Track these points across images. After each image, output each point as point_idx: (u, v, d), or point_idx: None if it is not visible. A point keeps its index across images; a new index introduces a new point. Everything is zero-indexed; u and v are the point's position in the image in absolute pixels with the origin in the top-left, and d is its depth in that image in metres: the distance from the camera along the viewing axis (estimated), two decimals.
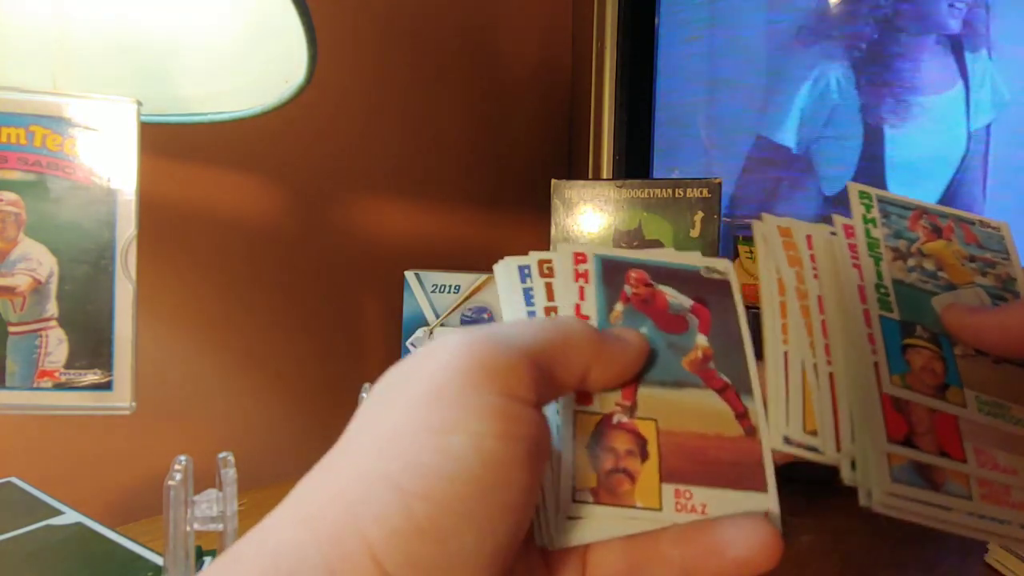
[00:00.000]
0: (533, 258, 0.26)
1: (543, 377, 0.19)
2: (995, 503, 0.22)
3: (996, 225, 0.28)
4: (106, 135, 0.40)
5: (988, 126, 0.73)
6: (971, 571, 0.48)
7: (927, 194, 0.74)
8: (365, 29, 0.76)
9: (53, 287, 0.39)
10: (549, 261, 0.26)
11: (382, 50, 0.78)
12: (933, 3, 0.74)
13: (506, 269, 0.26)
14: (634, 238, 0.70)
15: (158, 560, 0.42)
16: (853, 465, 0.22)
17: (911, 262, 0.26)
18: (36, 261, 0.39)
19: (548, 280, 0.26)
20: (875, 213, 0.27)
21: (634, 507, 0.22)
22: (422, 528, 0.16)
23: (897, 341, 0.24)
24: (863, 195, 0.28)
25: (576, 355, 0.21)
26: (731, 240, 0.72)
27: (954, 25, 0.73)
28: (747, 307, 0.26)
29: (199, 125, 0.49)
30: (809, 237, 0.27)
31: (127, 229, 0.40)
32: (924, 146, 0.75)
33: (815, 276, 0.26)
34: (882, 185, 0.75)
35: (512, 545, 0.18)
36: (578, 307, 0.26)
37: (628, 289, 0.26)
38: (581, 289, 0.26)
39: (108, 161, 0.40)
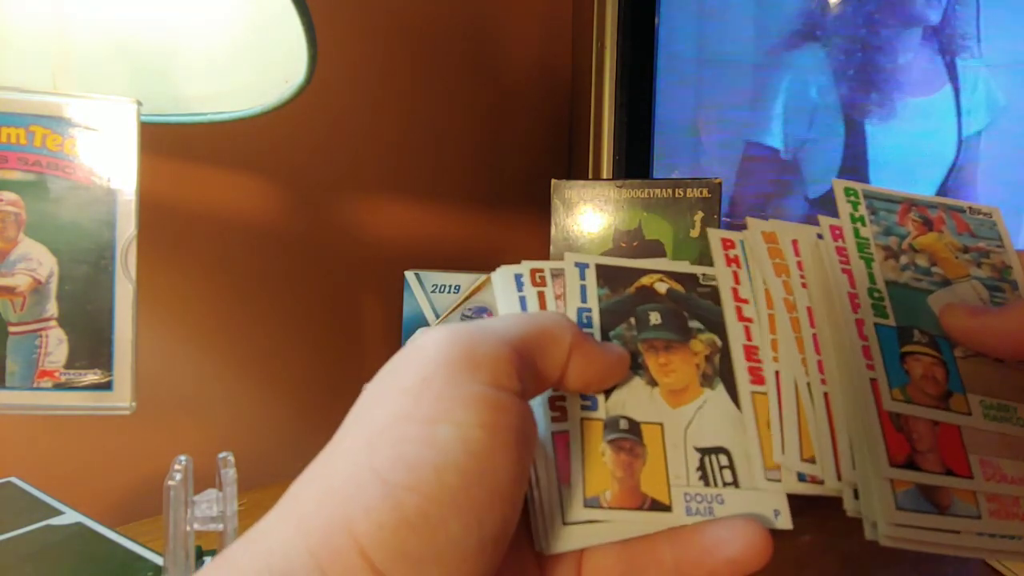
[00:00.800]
0: (525, 267, 0.26)
1: (526, 367, 0.19)
2: (1005, 518, 0.21)
3: (987, 211, 0.27)
4: (106, 135, 0.40)
5: (981, 131, 0.73)
6: (971, 571, 0.48)
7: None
8: (365, 29, 0.76)
9: (53, 287, 0.39)
10: (541, 271, 0.26)
11: (382, 50, 0.78)
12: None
13: (503, 278, 0.26)
14: (634, 238, 0.70)
15: (158, 560, 0.42)
16: (855, 494, 0.21)
17: (903, 260, 0.25)
18: (36, 261, 0.39)
19: (540, 289, 0.26)
20: (863, 210, 0.26)
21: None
22: (410, 520, 0.16)
23: (895, 350, 0.23)
24: (849, 191, 0.27)
25: (556, 347, 0.21)
26: None
27: (934, 16, 0.73)
28: None
29: (199, 125, 0.49)
30: (795, 242, 0.26)
31: (127, 229, 0.40)
32: (910, 149, 0.75)
33: (803, 285, 0.25)
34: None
35: (501, 535, 0.18)
36: (735, 291, 0.26)
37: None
38: (735, 274, 0.26)
39: (108, 161, 0.40)
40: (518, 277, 0.26)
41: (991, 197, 0.72)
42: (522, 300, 0.26)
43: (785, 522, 0.22)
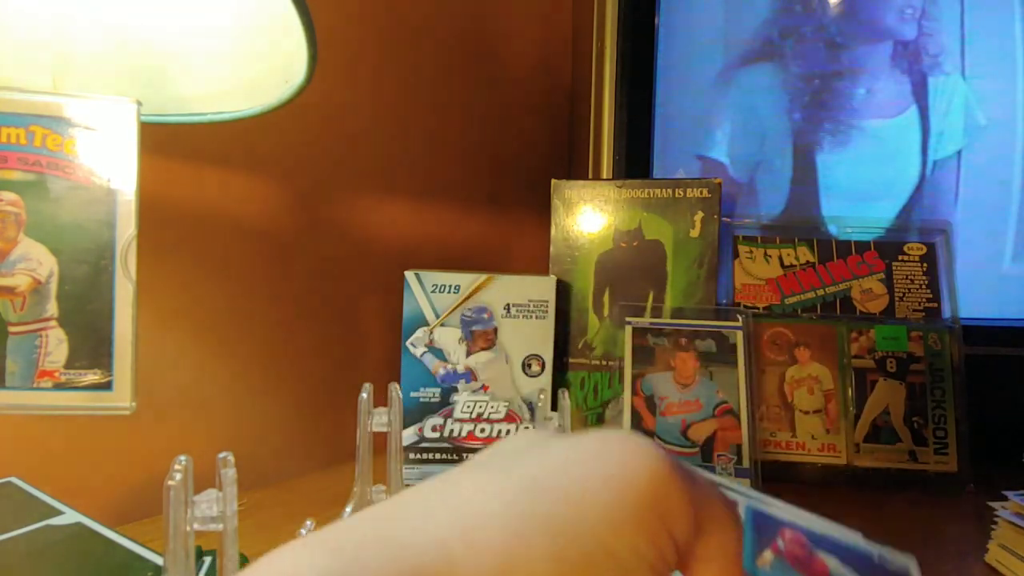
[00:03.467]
0: None
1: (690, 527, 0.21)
2: None
3: None
4: (106, 135, 0.40)
5: (959, 152, 0.73)
6: (971, 571, 0.48)
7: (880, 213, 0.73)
8: (365, 30, 0.76)
9: (53, 287, 0.39)
10: None
11: (382, 51, 0.78)
12: (883, 10, 0.73)
13: None
14: (634, 238, 0.70)
15: (158, 560, 0.42)
16: None
17: None
18: (36, 261, 0.39)
19: None
20: None
21: None
22: None
23: None
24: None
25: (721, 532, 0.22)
26: (731, 240, 0.71)
27: (908, 31, 0.72)
28: None
29: (199, 125, 0.49)
30: None
31: (127, 229, 0.40)
32: (867, 172, 0.74)
33: None
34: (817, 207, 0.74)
35: None
36: None
37: (781, 543, 0.26)
38: None
39: (108, 161, 0.40)
40: None
41: (965, 218, 0.72)
42: None
43: None
